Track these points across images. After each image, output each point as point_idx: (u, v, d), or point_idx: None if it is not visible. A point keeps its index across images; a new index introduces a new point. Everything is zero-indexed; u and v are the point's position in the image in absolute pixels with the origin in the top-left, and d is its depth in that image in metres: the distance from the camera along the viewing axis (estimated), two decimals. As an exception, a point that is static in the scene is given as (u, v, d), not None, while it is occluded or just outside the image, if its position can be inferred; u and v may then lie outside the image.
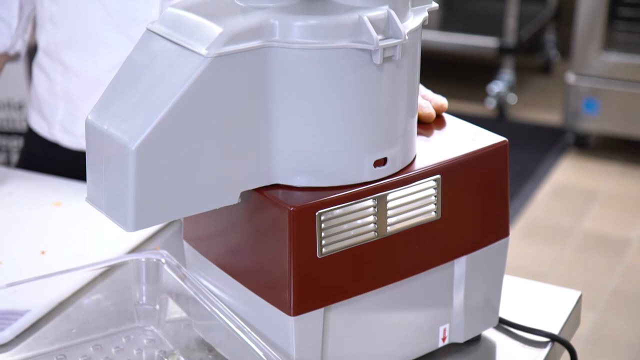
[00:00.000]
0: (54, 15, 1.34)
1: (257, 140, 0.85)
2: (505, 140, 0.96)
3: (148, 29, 0.86)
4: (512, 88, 3.56)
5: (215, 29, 0.81)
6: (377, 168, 0.88)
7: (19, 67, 2.38)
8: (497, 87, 3.53)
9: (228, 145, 0.83)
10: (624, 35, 3.22)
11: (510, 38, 3.51)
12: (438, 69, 3.83)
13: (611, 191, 3.09)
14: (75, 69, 1.35)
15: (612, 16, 3.20)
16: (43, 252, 1.15)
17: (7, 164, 2.44)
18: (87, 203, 0.85)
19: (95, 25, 1.31)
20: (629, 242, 2.83)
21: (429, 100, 1.00)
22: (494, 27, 3.62)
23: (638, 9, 3.22)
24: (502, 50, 3.53)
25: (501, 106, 3.53)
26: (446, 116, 1.01)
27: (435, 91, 1.03)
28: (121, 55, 1.29)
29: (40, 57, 1.40)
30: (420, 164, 0.91)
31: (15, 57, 1.41)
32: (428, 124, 0.98)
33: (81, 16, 1.32)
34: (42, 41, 1.38)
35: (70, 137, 1.38)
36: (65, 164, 1.39)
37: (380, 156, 0.88)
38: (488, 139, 0.95)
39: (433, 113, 0.98)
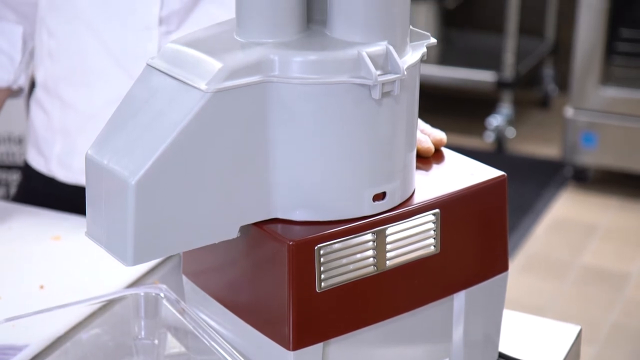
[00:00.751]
0: (52, 51, 1.34)
1: (256, 175, 0.85)
2: (503, 175, 0.96)
3: (148, 64, 0.86)
4: (511, 122, 3.57)
5: (215, 64, 0.82)
6: (376, 202, 0.88)
7: (19, 101, 2.39)
8: (495, 120, 3.54)
9: (227, 179, 0.84)
10: (622, 70, 3.24)
11: (509, 72, 3.53)
12: (436, 102, 3.85)
13: (610, 225, 3.09)
14: (73, 103, 1.35)
15: (610, 51, 3.22)
16: (42, 287, 1.14)
17: (7, 197, 2.44)
18: (86, 237, 0.86)
19: (93, 60, 1.32)
20: (628, 277, 2.82)
21: (427, 134, 1.00)
22: (492, 61, 3.64)
23: (635, 44, 3.24)
24: (501, 85, 3.55)
25: (500, 140, 3.54)
26: (445, 150, 1.01)
27: (433, 125, 1.04)
28: (119, 89, 1.30)
29: (38, 92, 1.40)
30: (419, 198, 0.91)
31: (17, 93, 1.41)
32: (427, 158, 0.99)
33: (80, 51, 1.32)
34: (40, 77, 1.39)
35: (67, 172, 1.38)
36: (62, 199, 1.39)
37: (379, 190, 0.88)
38: (487, 173, 0.96)
39: (432, 147, 0.99)
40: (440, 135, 1.00)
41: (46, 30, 1.34)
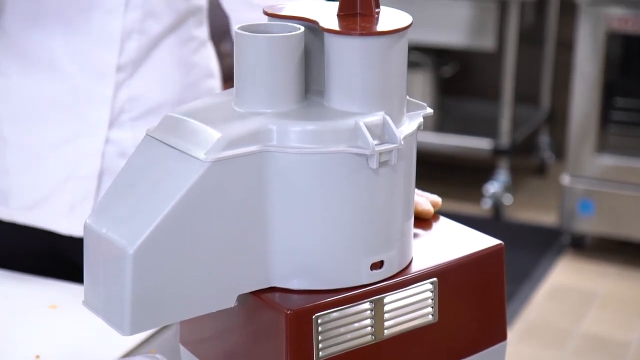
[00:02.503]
0: (1, 90, 1.33)
1: (254, 244, 0.85)
2: (501, 244, 0.96)
3: (147, 134, 0.87)
4: (508, 189, 3.58)
5: (213, 134, 0.82)
6: (374, 271, 0.88)
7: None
8: (492, 187, 3.55)
9: (225, 248, 0.84)
10: (617, 138, 3.26)
11: (505, 140, 3.56)
12: (433, 169, 3.87)
13: (609, 293, 3.08)
14: (16, 142, 1.34)
15: (605, 119, 3.24)
16: (38, 356, 1.14)
17: (3, 265, 2.43)
18: (83, 306, 0.85)
19: (45, 102, 1.31)
20: (628, 345, 2.80)
21: (425, 197, 1.01)
22: (488, 128, 3.67)
23: (630, 112, 3.27)
24: (497, 152, 3.57)
25: (497, 207, 3.55)
26: (442, 218, 1.01)
27: (431, 191, 1.04)
28: (70, 132, 1.30)
29: None
30: (416, 267, 0.91)
31: None
32: (424, 226, 0.99)
33: (32, 92, 1.32)
34: None
35: (4, 208, 1.37)
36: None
37: (377, 259, 0.88)
38: (484, 242, 0.96)
39: (431, 209, 1.00)
40: (436, 198, 1.01)
41: None
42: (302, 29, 0.87)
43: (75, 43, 1.30)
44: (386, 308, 0.88)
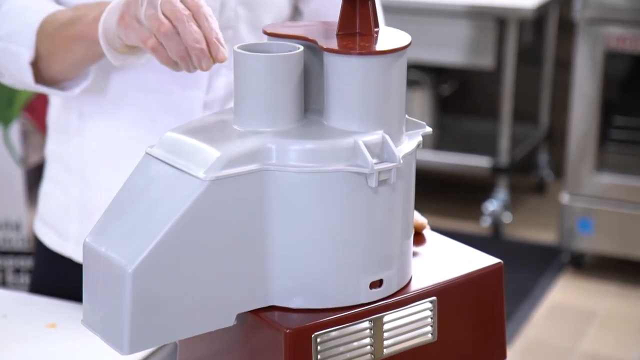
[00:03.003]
0: (83, 130, 1.32)
1: (253, 262, 0.85)
2: (500, 262, 0.96)
3: (147, 153, 0.87)
4: (507, 207, 3.58)
5: (213, 153, 0.82)
6: (373, 290, 0.88)
7: (18, 186, 2.40)
8: (492, 205, 3.55)
9: (225, 267, 0.84)
10: (616, 157, 3.26)
11: (504, 158, 3.56)
12: (432, 187, 3.87)
13: (609, 312, 3.08)
14: (97, 183, 1.32)
15: (604, 138, 3.25)
16: (36, 375, 1.13)
17: (3, 284, 2.43)
18: (82, 325, 0.85)
19: (128, 142, 1.29)
20: (628, 363, 2.80)
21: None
22: (487, 147, 3.67)
23: (628, 131, 3.27)
24: (496, 170, 3.57)
25: (496, 225, 3.55)
26: (441, 237, 1.01)
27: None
28: None
29: (53, 170, 1.37)
30: (416, 286, 0.91)
31: None
32: (424, 245, 0.99)
33: (114, 134, 1.30)
34: (62, 154, 1.35)
35: (62, 242, 1.37)
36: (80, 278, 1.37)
37: (376, 278, 0.88)
38: (483, 260, 0.96)
39: (424, 221, 1.01)
40: (422, 219, 1.02)
41: (77, 112, 1.31)
42: (302, 48, 0.87)
43: (163, 83, 1.27)
44: (385, 327, 0.88)
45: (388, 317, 0.88)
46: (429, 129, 0.93)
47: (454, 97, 4.02)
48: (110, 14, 1.08)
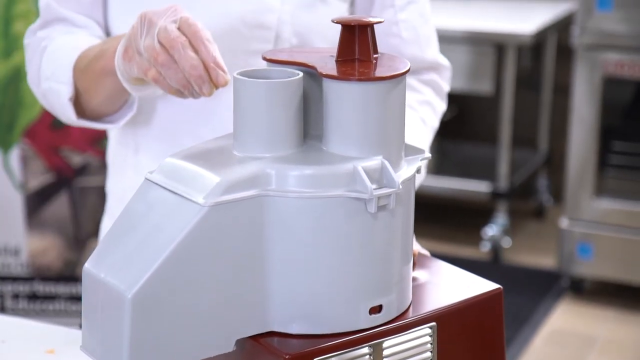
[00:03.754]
0: (138, 166, 1.31)
1: (253, 288, 0.85)
2: (499, 288, 0.96)
3: (146, 179, 0.87)
4: (507, 232, 3.58)
5: (212, 179, 0.83)
6: (373, 315, 0.88)
7: (18, 211, 2.40)
8: (491, 230, 3.55)
9: (224, 292, 0.84)
10: (615, 182, 3.27)
11: (503, 183, 3.56)
12: (432, 212, 3.87)
13: (609, 337, 3.07)
14: None
15: (603, 163, 3.25)
16: (34, 401, 1.13)
17: (2, 309, 2.42)
18: (80, 351, 0.85)
19: None
20: (628, 389, 2.78)
21: None
22: (486, 172, 3.67)
23: (627, 156, 3.27)
24: (495, 195, 3.57)
25: (496, 250, 3.54)
26: (440, 263, 1.01)
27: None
28: None
29: (113, 205, 1.37)
30: (415, 311, 0.91)
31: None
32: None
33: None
34: (117, 189, 1.35)
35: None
36: None
37: (375, 303, 0.88)
38: (483, 286, 0.96)
39: (416, 251, 1.01)
40: (416, 249, 1.02)
41: (133, 147, 1.30)
42: (301, 74, 0.88)
43: (215, 109, 1.25)
44: (385, 353, 0.88)
45: (388, 342, 0.88)
46: (428, 155, 0.93)
47: (453, 122, 4.03)
48: (120, 47, 1.09)
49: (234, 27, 1.22)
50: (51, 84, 1.24)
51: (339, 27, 0.89)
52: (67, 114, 1.24)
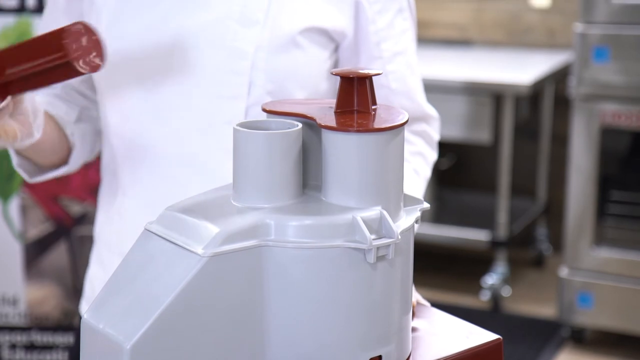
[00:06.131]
0: (123, 209, 1.32)
1: (252, 337, 0.85)
2: (499, 338, 0.96)
3: (146, 229, 0.88)
4: (506, 280, 3.57)
5: (212, 229, 0.83)
6: (372, 366, 0.87)
7: (16, 261, 2.39)
8: (491, 279, 3.54)
9: (223, 342, 0.83)
10: (614, 231, 3.27)
11: (502, 232, 3.56)
12: (431, 261, 3.86)
13: (610, 387, 3.04)
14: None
15: (601, 212, 3.25)
16: None
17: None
18: (79, 403, 0.85)
19: (171, 195, 1.28)
20: None
21: None
22: (485, 221, 3.67)
23: (626, 206, 3.28)
24: (495, 244, 3.57)
25: (495, 299, 3.53)
26: (440, 312, 1.01)
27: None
28: None
29: (99, 249, 1.38)
30: (415, 362, 0.91)
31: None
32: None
33: (148, 206, 1.29)
34: (104, 234, 1.36)
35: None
36: None
37: (375, 354, 0.88)
38: (482, 336, 0.96)
39: (415, 299, 1.00)
40: (415, 298, 1.02)
41: (120, 190, 1.32)
42: (300, 125, 0.88)
43: (203, 125, 1.25)
44: (384, 404, 0.87)
45: (387, 394, 0.87)
46: (426, 205, 0.93)
47: (451, 171, 4.05)
48: None
49: (207, 72, 1.23)
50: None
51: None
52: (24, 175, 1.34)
